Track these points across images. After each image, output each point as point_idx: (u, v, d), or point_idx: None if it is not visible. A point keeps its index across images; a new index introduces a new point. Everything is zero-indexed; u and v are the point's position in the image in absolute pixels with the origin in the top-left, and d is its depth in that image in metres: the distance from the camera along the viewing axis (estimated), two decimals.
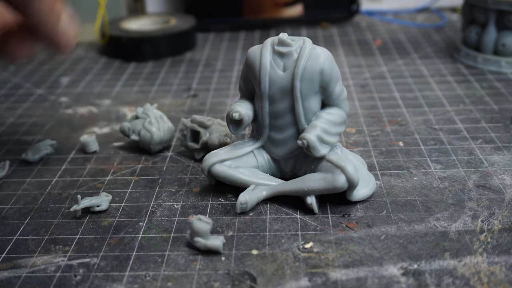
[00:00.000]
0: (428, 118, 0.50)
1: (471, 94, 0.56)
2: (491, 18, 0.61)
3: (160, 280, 0.31)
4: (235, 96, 0.57)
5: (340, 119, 0.38)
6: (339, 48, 0.74)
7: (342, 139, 0.47)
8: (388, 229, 0.35)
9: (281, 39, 0.36)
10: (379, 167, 0.42)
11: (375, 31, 0.81)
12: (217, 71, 0.66)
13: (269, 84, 0.37)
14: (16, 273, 0.32)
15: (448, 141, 0.46)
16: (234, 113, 0.37)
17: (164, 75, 0.65)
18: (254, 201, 0.37)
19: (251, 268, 0.32)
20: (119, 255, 0.33)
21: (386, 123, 0.50)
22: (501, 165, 0.42)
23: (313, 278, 0.31)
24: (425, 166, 0.42)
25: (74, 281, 0.31)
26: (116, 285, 0.31)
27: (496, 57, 0.62)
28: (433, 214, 0.36)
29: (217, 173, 0.38)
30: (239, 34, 0.82)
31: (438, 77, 0.61)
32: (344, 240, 0.34)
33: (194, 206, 0.38)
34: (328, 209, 0.37)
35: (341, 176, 0.35)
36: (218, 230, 0.35)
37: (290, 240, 0.34)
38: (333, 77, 0.36)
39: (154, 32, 0.72)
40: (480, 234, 0.34)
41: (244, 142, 0.40)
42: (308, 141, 0.36)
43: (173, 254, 0.33)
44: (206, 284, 0.31)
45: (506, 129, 0.48)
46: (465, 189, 0.39)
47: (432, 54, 0.69)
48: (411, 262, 0.32)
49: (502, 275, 0.30)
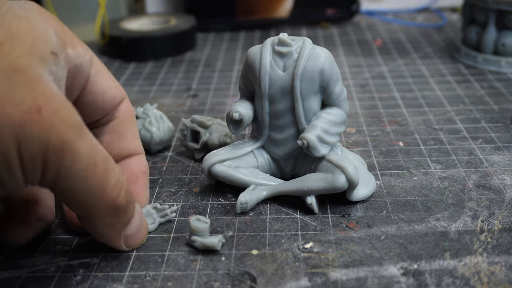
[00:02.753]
0: (428, 118, 0.50)
1: (471, 94, 0.56)
2: (491, 18, 0.61)
3: (160, 280, 0.31)
4: (235, 96, 0.57)
5: (340, 119, 0.37)
6: (339, 48, 0.74)
7: (342, 139, 0.47)
8: (388, 229, 0.35)
9: (281, 39, 0.36)
10: (379, 167, 0.42)
11: (375, 31, 0.81)
12: (217, 71, 0.66)
13: (269, 84, 0.37)
14: (16, 273, 0.32)
15: (448, 141, 0.46)
16: (234, 113, 0.37)
17: (164, 75, 0.65)
18: (254, 201, 0.37)
19: (251, 268, 0.32)
20: (119, 255, 0.33)
21: (386, 123, 0.50)
22: (501, 165, 0.42)
23: (313, 278, 0.31)
24: (425, 166, 0.42)
25: (74, 281, 0.31)
26: (116, 285, 0.31)
27: (496, 57, 0.62)
28: (433, 214, 0.36)
29: (217, 173, 0.38)
30: (239, 34, 0.82)
31: (438, 77, 0.61)
32: (344, 240, 0.34)
33: (194, 206, 0.38)
34: (328, 209, 0.37)
35: (341, 176, 0.35)
36: (218, 230, 0.35)
37: (290, 240, 0.34)
38: (333, 77, 0.36)
39: (154, 32, 0.72)
40: (480, 234, 0.34)
41: (244, 142, 0.40)
42: (308, 141, 0.36)
43: (173, 254, 0.33)
44: (206, 284, 0.31)
45: (506, 129, 0.48)
46: (465, 189, 0.39)
47: (432, 54, 0.69)
48: (411, 262, 0.32)
49: (502, 275, 0.30)
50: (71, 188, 0.27)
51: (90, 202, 0.28)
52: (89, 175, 0.27)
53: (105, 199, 0.28)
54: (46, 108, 0.24)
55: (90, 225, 0.30)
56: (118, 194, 0.28)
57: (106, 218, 0.29)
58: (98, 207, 0.28)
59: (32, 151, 0.24)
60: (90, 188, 0.27)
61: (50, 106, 0.25)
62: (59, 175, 0.26)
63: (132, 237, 0.32)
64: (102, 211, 0.28)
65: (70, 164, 0.26)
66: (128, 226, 0.31)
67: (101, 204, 0.28)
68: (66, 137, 0.25)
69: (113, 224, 0.30)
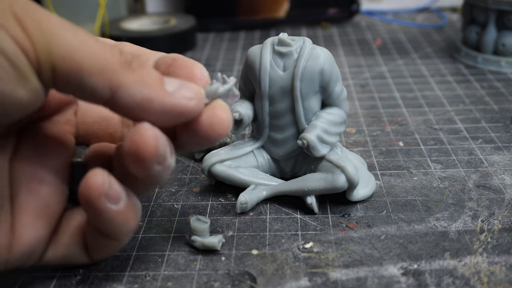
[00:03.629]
0: (428, 118, 0.50)
1: (471, 94, 0.56)
2: (491, 18, 0.61)
3: (160, 280, 0.31)
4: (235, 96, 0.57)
5: (340, 119, 0.37)
6: (339, 48, 0.74)
7: (342, 139, 0.47)
8: (388, 229, 0.35)
9: (281, 39, 0.36)
10: (379, 167, 0.42)
11: (375, 31, 0.81)
12: (217, 71, 0.66)
13: (269, 84, 0.37)
14: (16, 273, 0.32)
15: (448, 141, 0.46)
16: (234, 113, 0.37)
17: None
18: (254, 201, 0.37)
19: (251, 268, 0.32)
20: (119, 255, 0.33)
21: (386, 123, 0.50)
22: (501, 165, 0.42)
23: (313, 278, 0.31)
24: (425, 166, 0.42)
25: (74, 281, 0.31)
26: (116, 285, 0.31)
27: (496, 57, 0.62)
28: (433, 214, 0.36)
29: (217, 173, 0.38)
30: (239, 34, 0.82)
31: (438, 77, 0.61)
32: (344, 240, 0.34)
33: (194, 206, 0.38)
34: (328, 209, 0.37)
35: (341, 176, 0.35)
36: (218, 230, 0.35)
37: (290, 240, 0.34)
38: (333, 77, 0.36)
39: (154, 32, 0.72)
40: (480, 234, 0.34)
41: (244, 142, 0.40)
42: (308, 141, 0.36)
43: (173, 254, 0.33)
44: (206, 284, 0.31)
45: (506, 129, 0.48)
46: (465, 189, 0.39)
47: (432, 54, 0.69)
48: (411, 262, 0.32)
49: (502, 275, 0.30)
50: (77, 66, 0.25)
51: (103, 72, 0.25)
52: (89, 46, 0.25)
53: (116, 60, 0.25)
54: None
55: (125, 99, 0.26)
56: (126, 58, 0.26)
57: (129, 79, 0.26)
58: (113, 68, 0.25)
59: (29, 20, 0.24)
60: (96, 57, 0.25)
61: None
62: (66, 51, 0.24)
63: (182, 88, 0.27)
64: (118, 71, 0.25)
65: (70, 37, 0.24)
66: (163, 81, 0.27)
67: (114, 65, 0.25)
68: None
69: (142, 81, 0.26)
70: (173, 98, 0.27)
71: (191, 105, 0.27)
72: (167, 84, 0.27)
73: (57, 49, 0.24)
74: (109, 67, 0.25)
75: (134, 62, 0.26)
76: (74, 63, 0.24)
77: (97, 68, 0.25)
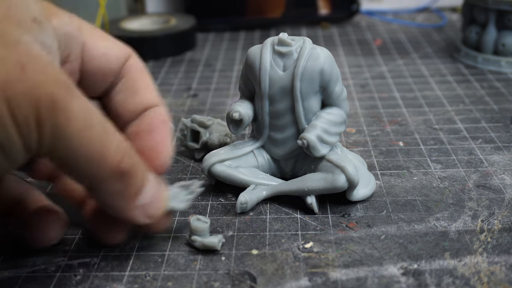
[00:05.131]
0: (428, 118, 0.50)
1: (471, 94, 0.56)
2: (491, 18, 0.61)
3: (160, 280, 0.31)
4: (235, 96, 0.57)
5: (340, 119, 0.37)
6: (339, 48, 0.74)
7: (342, 139, 0.47)
8: (388, 229, 0.35)
9: (281, 39, 0.36)
10: (379, 167, 0.42)
11: (375, 31, 0.81)
12: (217, 71, 0.66)
13: (269, 84, 0.37)
14: (16, 273, 0.32)
15: (448, 141, 0.46)
16: (234, 113, 0.37)
17: (164, 75, 0.65)
18: (254, 201, 0.37)
19: (251, 268, 0.32)
20: (119, 255, 0.33)
21: (386, 123, 0.50)
22: (501, 165, 0.42)
23: (313, 278, 0.31)
24: (425, 166, 0.42)
25: (74, 281, 0.31)
26: (116, 285, 0.31)
27: (496, 57, 0.62)
28: (433, 214, 0.36)
29: (217, 173, 0.38)
30: (239, 34, 0.82)
31: (438, 77, 0.61)
32: (344, 240, 0.34)
33: (194, 206, 0.38)
34: (328, 209, 0.37)
35: (341, 176, 0.35)
36: (218, 230, 0.35)
37: (290, 240, 0.34)
38: (333, 77, 0.36)
39: (154, 32, 0.72)
40: (480, 234, 0.34)
41: (244, 142, 0.40)
42: (308, 141, 0.36)
43: (173, 254, 0.33)
44: (206, 284, 0.31)
45: (506, 129, 0.48)
46: (465, 189, 0.39)
47: (432, 54, 0.69)
48: (411, 262, 0.32)
49: (502, 275, 0.30)
50: (70, 155, 0.25)
51: (92, 169, 0.26)
52: (87, 137, 0.25)
53: (107, 164, 0.27)
54: (30, 66, 0.24)
55: (98, 196, 0.28)
56: (120, 158, 0.27)
57: (112, 185, 0.27)
58: (102, 174, 0.27)
59: (24, 110, 0.24)
60: (90, 153, 0.26)
61: (34, 65, 0.24)
62: (55, 137, 0.25)
63: (149, 206, 0.30)
64: (106, 177, 0.27)
65: (65, 123, 0.24)
66: (140, 194, 0.29)
67: (104, 170, 0.27)
68: (56, 95, 0.24)
69: (121, 192, 0.28)
70: (136, 212, 0.29)
71: (144, 221, 0.30)
72: (143, 194, 0.29)
73: (61, 151, 0.25)
74: (102, 167, 0.27)
75: (126, 161, 0.28)
76: (71, 155, 0.26)
77: (90, 165, 0.26)
